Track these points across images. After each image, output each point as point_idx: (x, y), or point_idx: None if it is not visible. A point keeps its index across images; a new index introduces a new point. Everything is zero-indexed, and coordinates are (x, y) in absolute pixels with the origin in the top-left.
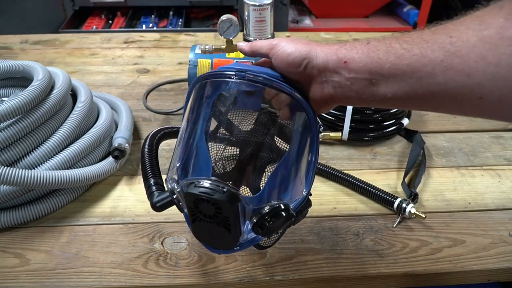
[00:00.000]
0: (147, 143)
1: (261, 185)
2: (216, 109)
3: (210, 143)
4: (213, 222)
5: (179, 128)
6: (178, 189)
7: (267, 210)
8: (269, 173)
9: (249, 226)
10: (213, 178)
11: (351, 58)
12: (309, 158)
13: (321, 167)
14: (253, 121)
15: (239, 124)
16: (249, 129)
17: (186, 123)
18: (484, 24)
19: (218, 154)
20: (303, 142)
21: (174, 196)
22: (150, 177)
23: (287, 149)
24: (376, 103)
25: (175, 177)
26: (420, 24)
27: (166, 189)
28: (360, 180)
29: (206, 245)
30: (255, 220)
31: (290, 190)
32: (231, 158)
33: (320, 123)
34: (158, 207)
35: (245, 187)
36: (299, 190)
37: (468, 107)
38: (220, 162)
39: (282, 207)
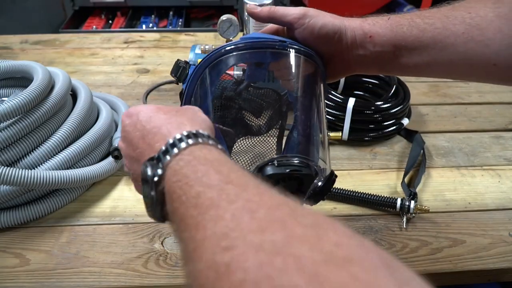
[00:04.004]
0: None
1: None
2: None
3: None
4: None
5: None
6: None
7: (324, 179)
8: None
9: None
10: (290, 154)
11: (375, 32)
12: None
13: None
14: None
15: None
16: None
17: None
18: (499, 3)
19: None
20: (319, 108)
21: None
22: None
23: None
24: (395, 71)
25: None
26: None
27: None
28: (356, 191)
29: None
30: (313, 190)
31: (327, 153)
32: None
33: None
34: None
35: None
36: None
37: (481, 73)
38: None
39: (333, 173)
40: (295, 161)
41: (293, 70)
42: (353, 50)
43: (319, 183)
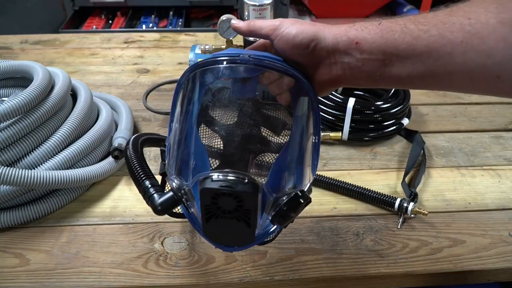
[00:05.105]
0: (130, 146)
1: (262, 177)
2: (212, 99)
3: (206, 136)
4: (232, 217)
5: (163, 136)
6: (186, 187)
7: (287, 199)
8: (272, 162)
9: (267, 218)
10: (229, 169)
11: (363, 38)
12: (314, 140)
13: (317, 177)
14: (247, 112)
15: (234, 115)
16: (242, 120)
17: (185, 116)
18: (502, 7)
19: (215, 148)
20: (307, 125)
21: (181, 195)
22: (145, 179)
23: (286, 136)
24: (386, 83)
25: (176, 175)
26: None
27: (165, 190)
28: (357, 186)
29: (219, 245)
30: (275, 211)
31: (302, 175)
32: (230, 150)
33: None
34: (161, 210)
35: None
36: (309, 174)
37: (483, 86)
38: (218, 156)
39: (300, 194)
40: (230, 177)
41: (253, 84)
42: (336, 57)
43: (284, 203)
